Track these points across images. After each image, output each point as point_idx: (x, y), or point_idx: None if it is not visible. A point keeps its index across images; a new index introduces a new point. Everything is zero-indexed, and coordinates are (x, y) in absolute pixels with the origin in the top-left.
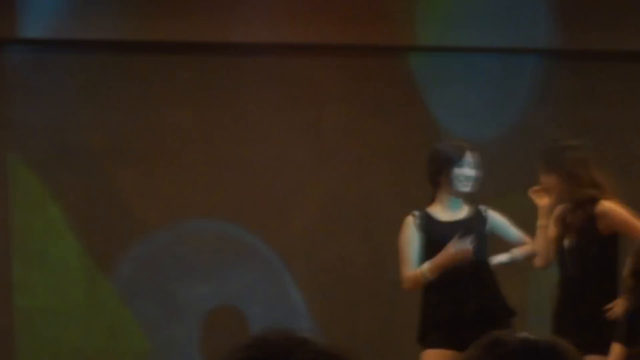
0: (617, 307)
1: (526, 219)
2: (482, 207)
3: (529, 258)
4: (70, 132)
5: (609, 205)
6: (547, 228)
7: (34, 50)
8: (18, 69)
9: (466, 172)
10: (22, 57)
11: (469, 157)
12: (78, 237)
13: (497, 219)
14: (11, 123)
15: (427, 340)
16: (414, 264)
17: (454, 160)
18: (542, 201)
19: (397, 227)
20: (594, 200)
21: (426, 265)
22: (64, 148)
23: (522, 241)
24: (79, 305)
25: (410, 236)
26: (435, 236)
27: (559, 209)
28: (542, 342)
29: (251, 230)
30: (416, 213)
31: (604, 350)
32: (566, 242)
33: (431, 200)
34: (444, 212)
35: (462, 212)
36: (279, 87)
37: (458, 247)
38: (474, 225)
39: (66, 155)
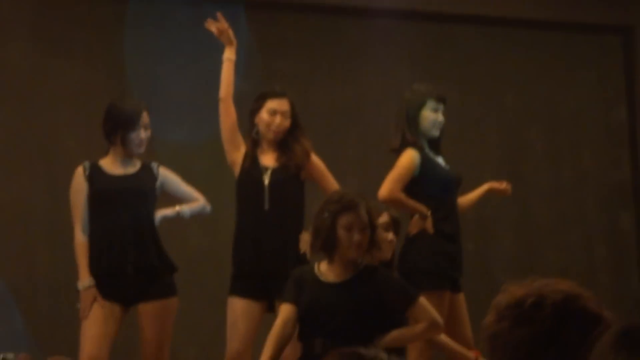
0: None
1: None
2: (154, 164)
3: (198, 214)
4: None
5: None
6: (233, 62)
7: None
8: None
9: (141, 134)
10: None
11: (144, 118)
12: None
13: (168, 176)
14: None
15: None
16: (81, 215)
17: (129, 122)
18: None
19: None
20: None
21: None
22: None
23: (193, 198)
24: None
25: (78, 187)
26: (101, 188)
27: None
28: None
29: None
30: (87, 164)
31: None
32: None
33: (106, 153)
34: (115, 165)
35: (132, 167)
36: None
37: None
38: (142, 181)
39: None
